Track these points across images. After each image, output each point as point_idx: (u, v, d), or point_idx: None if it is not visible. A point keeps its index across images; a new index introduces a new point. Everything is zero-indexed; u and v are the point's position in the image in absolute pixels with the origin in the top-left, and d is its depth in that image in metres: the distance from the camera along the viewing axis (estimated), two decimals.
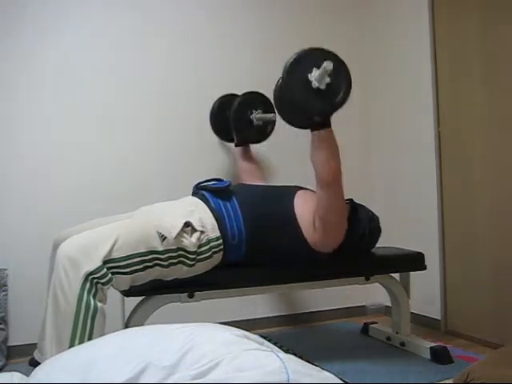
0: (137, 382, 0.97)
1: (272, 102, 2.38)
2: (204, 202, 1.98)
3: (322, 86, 1.86)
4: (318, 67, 1.85)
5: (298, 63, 1.87)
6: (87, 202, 2.60)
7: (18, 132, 2.55)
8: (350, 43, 3.27)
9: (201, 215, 1.91)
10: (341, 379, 1.20)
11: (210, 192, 2.04)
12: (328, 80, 1.86)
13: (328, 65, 1.83)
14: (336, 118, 3.15)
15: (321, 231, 1.98)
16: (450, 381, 1.79)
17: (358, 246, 2.19)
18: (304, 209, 2.05)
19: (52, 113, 2.61)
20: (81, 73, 2.66)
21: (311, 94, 1.86)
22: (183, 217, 1.85)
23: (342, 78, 1.91)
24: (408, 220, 2.99)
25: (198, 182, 2.17)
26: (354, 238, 2.13)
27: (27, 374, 1.17)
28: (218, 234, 1.91)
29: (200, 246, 1.86)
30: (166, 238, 1.78)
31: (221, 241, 1.91)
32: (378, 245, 2.29)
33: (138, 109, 2.78)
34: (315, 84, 1.85)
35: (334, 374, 1.15)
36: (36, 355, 2.13)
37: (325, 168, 1.92)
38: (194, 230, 1.85)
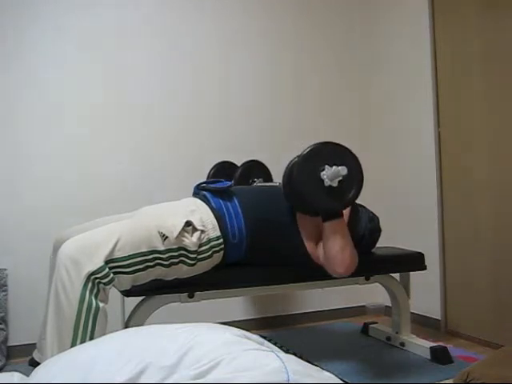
0: (137, 382, 0.97)
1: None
2: (205, 202, 1.98)
3: (334, 184, 1.87)
4: (331, 165, 1.85)
5: (311, 159, 1.88)
6: (87, 202, 2.60)
7: (18, 132, 2.55)
8: (350, 43, 3.28)
9: (201, 215, 1.90)
10: (341, 379, 1.20)
11: (211, 192, 2.04)
12: (340, 178, 1.86)
13: (342, 170, 1.85)
14: (336, 118, 3.19)
15: (326, 262, 1.98)
16: (450, 381, 1.79)
17: (358, 247, 2.19)
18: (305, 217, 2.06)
19: (52, 113, 2.61)
20: (80, 73, 2.67)
21: (323, 192, 1.87)
22: (184, 216, 1.85)
23: (354, 174, 1.90)
24: (408, 220, 2.99)
25: (198, 182, 2.17)
26: (354, 239, 2.12)
27: (27, 374, 1.17)
28: (218, 233, 1.90)
29: (200, 246, 1.86)
30: (167, 237, 1.78)
31: (221, 240, 1.91)
32: (378, 245, 2.29)
33: (140, 109, 2.78)
34: (327, 182, 1.86)
35: (334, 374, 1.15)
36: (35, 355, 2.13)
37: (337, 259, 1.91)
38: (195, 229, 1.85)
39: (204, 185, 2.11)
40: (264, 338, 1.21)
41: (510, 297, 2.42)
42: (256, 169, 2.69)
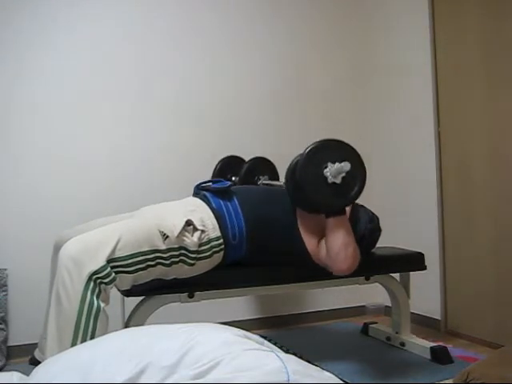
0: (137, 381, 0.97)
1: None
2: (205, 202, 1.98)
3: (338, 181, 1.87)
4: (334, 162, 1.86)
5: (314, 156, 1.88)
6: (87, 202, 2.60)
7: (19, 132, 2.55)
8: (349, 43, 3.28)
9: (201, 215, 1.91)
10: (341, 379, 1.20)
11: (212, 192, 2.04)
12: (344, 174, 1.87)
13: (345, 165, 1.85)
14: (336, 118, 3.19)
15: (329, 261, 1.98)
16: (450, 381, 1.79)
17: (358, 247, 2.19)
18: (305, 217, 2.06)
19: (52, 113, 2.61)
20: (80, 73, 2.67)
21: (326, 189, 1.88)
22: (184, 216, 1.85)
23: (357, 170, 1.90)
24: (408, 220, 2.99)
25: (198, 182, 2.17)
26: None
27: (27, 374, 1.17)
28: (218, 233, 1.91)
29: (201, 246, 1.86)
30: (168, 236, 1.78)
31: (221, 240, 1.91)
32: (378, 245, 2.29)
33: (140, 108, 2.78)
34: (331, 179, 1.87)
35: (334, 374, 1.15)
36: (37, 354, 2.14)
37: (340, 255, 1.91)
38: (196, 229, 1.85)
39: (204, 185, 2.12)
40: (264, 338, 1.21)
41: (510, 297, 2.42)
42: (262, 166, 2.67)
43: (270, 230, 2.00)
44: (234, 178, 2.65)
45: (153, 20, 2.82)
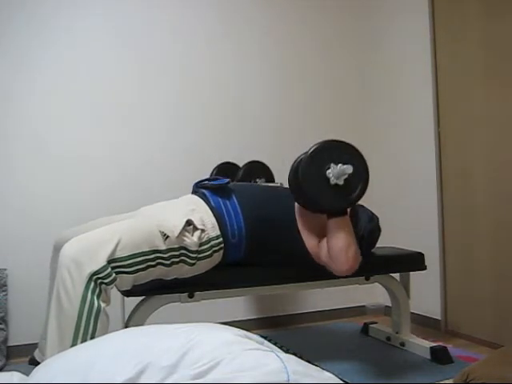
0: (137, 381, 0.97)
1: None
2: (204, 201, 1.98)
3: (340, 182, 1.87)
4: (337, 163, 1.86)
5: (317, 157, 1.88)
6: (87, 202, 2.60)
7: (19, 132, 2.55)
8: (349, 43, 3.28)
9: (201, 214, 1.90)
10: (341, 379, 1.20)
11: (210, 190, 2.04)
12: (346, 176, 1.87)
13: (348, 168, 1.85)
14: (336, 118, 3.19)
15: (329, 261, 1.97)
16: (450, 381, 1.79)
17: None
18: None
19: (51, 113, 2.61)
20: (80, 74, 2.67)
21: (329, 190, 1.87)
22: (185, 215, 1.85)
23: (360, 172, 1.90)
24: (408, 220, 2.99)
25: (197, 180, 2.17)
26: None
27: (27, 374, 1.17)
28: (218, 232, 1.90)
29: (201, 245, 1.86)
30: (168, 236, 1.78)
31: (221, 239, 1.91)
32: (378, 245, 2.29)
33: (141, 109, 2.78)
34: (333, 181, 1.86)
35: (334, 374, 1.15)
36: (37, 355, 2.14)
37: (341, 256, 1.90)
38: (196, 228, 1.85)
39: (203, 183, 2.11)
40: (264, 337, 1.21)
41: (509, 297, 2.42)
42: (258, 169, 2.69)
43: (270, 229, 2.00)
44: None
45: (155, 20, 2.83)
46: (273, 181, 2.69)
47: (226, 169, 2.72)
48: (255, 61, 3.05)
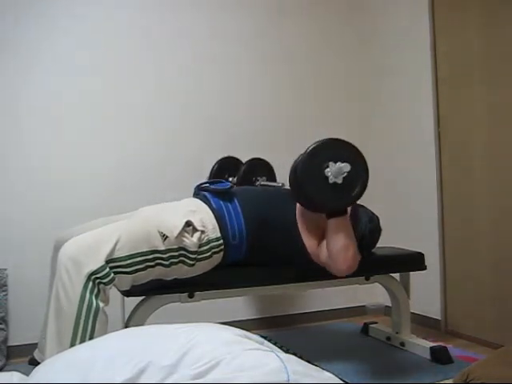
0: (137, 381, 0.97)
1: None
2: (205, 203, 1.98)
3: (339, 181, 1.86)
4: (335, 161, 1.85)
5: (315, 156, 1.87)
6: (87, 202, 2.60)
7: (18, 132, 2.55)
8: (349, 43, 3.28)
9: (202, 215, 1.90)
10: (341, 379, 1.20)
11: (212, 193, 2.04)
12: (345, 174, 1.86)
13: (345, 166, 1.84)
14: (336, 118, 3.19)
15: (329, 261, 1.97)
16: (450, 381, 1.79)
17: (358, 247, 2.19)
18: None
19: (52, 113, 2.61)
20: (80, 74, 2.67)
21: (328, 189, 1.86)
22: (184, 216, 1.85)
23: (359, 170, 1.89)
24: (408, 220, 2.99)
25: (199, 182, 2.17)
26: None
27: (27, 374, 1.17)
28: (218, 234, 1.90)
29: (200, 246, 1.86)
30: (167, 237, 1.78)
31: (221, 241, 1.91)
32: (378, 245, 2.29)
33: (140, 108, 2.78)
34: (332, 179, 1.85)
35: (334, 374, 1.15)
36: (36, 355, 2.14)
37: (341, 257, 1.90)
38: (195, 229, 1.85)
39: (205, 185, 2.11)
40: (264, 337, 1.21)
41: (510, 297, 2.42)
42: (260, 167, 2.67)
43: (270, 231, 2.00)
44: (231, 179, 2.65)
45: (161, 21, 2.83)
46: (274, 180, 2.67)
47: (227, 164, 2.70)
48: (261, 61, 3.05)
